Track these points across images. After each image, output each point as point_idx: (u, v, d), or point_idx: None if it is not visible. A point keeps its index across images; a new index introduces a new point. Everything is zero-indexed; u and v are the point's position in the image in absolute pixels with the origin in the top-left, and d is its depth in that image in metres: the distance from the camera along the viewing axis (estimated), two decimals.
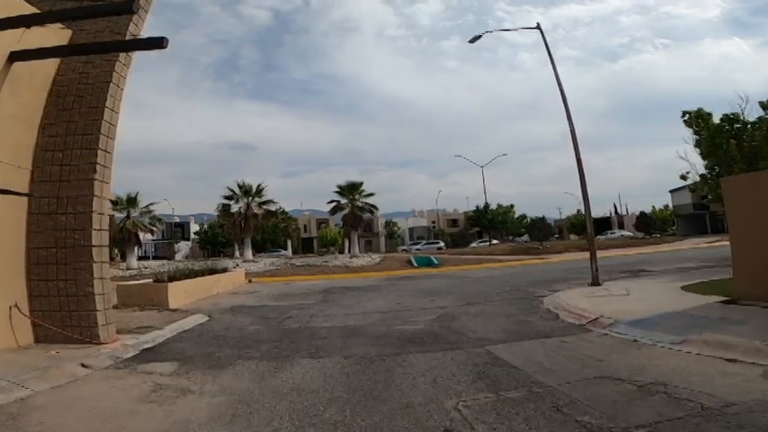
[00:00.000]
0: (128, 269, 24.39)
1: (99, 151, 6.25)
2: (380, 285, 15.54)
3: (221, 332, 7.46)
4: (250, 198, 27.41)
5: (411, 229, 71.53)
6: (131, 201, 25.37)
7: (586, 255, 12.91)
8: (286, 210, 52.72)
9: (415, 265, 24.02)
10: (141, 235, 30.32)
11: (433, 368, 4.88)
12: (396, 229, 70.82)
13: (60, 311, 5.67)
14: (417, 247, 51.60)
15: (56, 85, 6.62)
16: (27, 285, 5.70)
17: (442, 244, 53.14)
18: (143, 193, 26.21)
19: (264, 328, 7.83)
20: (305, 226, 66.00)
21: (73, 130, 6.39)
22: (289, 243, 52.44)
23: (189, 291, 11.69)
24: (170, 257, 43.93)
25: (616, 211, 67.41)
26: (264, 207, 27.91)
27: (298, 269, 23.22)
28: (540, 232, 35.66)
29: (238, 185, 27.35)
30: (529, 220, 60.80)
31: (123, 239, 25.27)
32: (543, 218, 47.70)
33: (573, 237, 52.34)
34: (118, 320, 8.05)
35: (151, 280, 11.58)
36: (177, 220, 59.04)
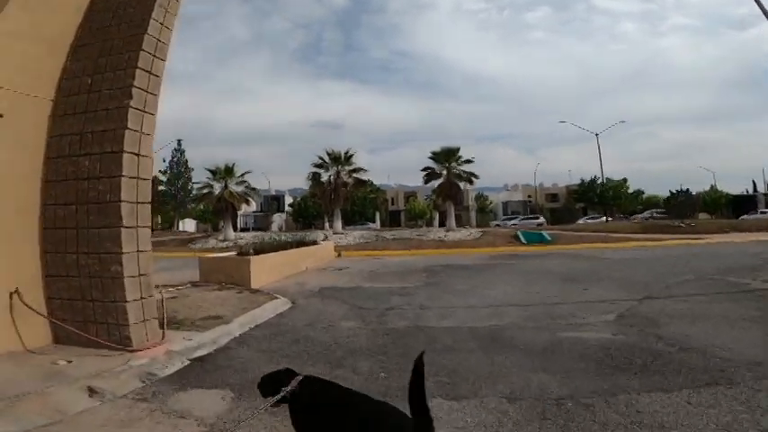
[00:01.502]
0: (224, 240, 24.65)
1: (138, 71, 4.36)
2: (492, 264, 12.71)
3: (304, 331, 5.40)
4: (339, 166, 25.93)
5: (505, 204, 66.33)
6: (228, 171, 25.35)
7: (750, 237, 8.58)
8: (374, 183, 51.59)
9: (524, 241, 20.56)
10: (241, 206, 31.03)
11: None
12: (487, 203, 66.16)
13: (82, 300, 3.98)
14: (513, 222, 47.24)
15: (92, 2, 4.91)
16: (42, 259, 4.05)
17: (542, 219, 47.83)
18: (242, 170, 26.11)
19: (361, 327, 5.63)
20: (392, 199, 64.56)
21: (108, 49, 4.60)
22: (377, 215, 51.28)
23: (274, 266, 10.10)
24: (265, 229, 45.47)
25: (755, 189, 54.75)
26: (354, 175, 26.28)
27: (389, 243, 21.25)
28: (681, 208, 29.17)
29: (327, 153, 26.01)
30: (643, 196, 52.14)
31: (221, 210, 25.53)
32: (688, 191, 39.60)
33: (703, 216, 43.24)
34: (186, 306, 6.54)
35: (235, 253, 10.18)
36: (273, 193, 61.31)
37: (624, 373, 3.73)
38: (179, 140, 39.31)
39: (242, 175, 25.59)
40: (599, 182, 53.20)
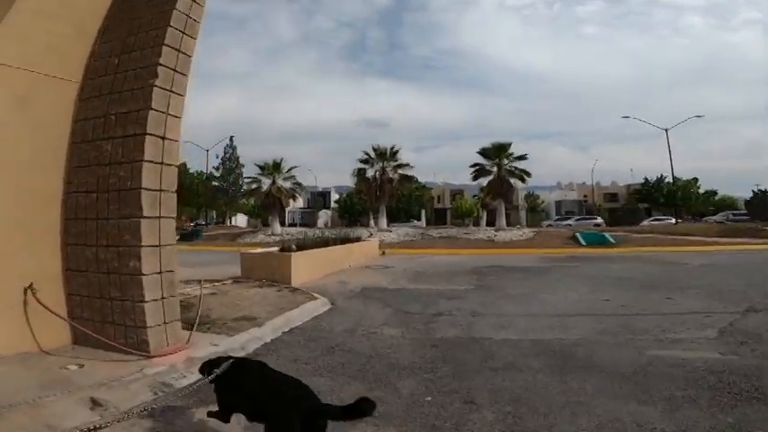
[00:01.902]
0: (271, 235, 24.97)
1: (165, 49, 3.98)
2: (549, 267, 11.59)
3: (341, 338, 4.83)
4: (385, 162, 25.47)
5: (558, 203, 62.95)
6: (276, 166, 25.67)
7: None
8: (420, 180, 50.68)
9: (583, 242, 18.95)
10: (290, 202, 31.44)
11: None
12: (539, 202, 63.15)
13: (100, 298, 3.64)
14: (567, 222, 44.57)
15: None
16: (63, 252, 3.76)
17: (599, 220, 44.72)
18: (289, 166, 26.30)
19: (405, 335, 4.98)
20: (438, 197, 63.30)
21: (136, 27, 4.27)
22: (423, 213, 50.38)
23: (316, 264, 9.70)
24: (311, 225, 46.06)
25: None
26: (400, 172, 25.70)
27: (435, 241, 20.44)
28: (765, 210, 25.93)
29: (373, 149, 25.62)
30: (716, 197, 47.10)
31: (269, 205, 25.90)
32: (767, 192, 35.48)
33: None
34: (222, 304, 6.21)
35: (277, 249, 9.88)
36: (320, 189, 62.17)
37: (752, 404, 2.83)
38: (231, 137, 40.70)
39: (289, 170, 25.85)
40: (666, 181, 48.99)
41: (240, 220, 51.88)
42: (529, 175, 23.67)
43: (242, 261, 9.25)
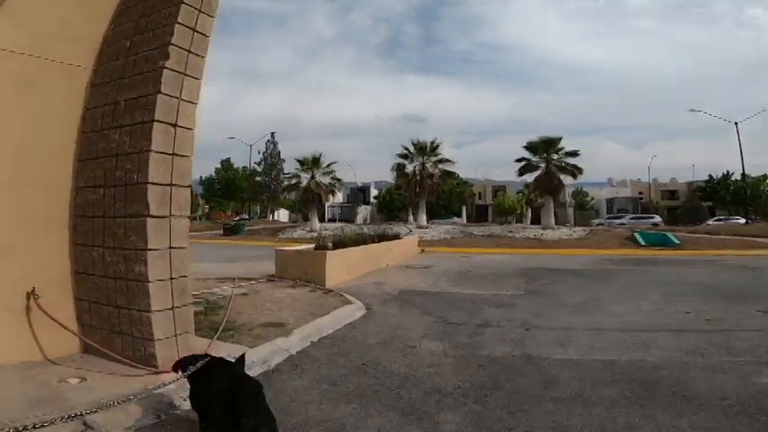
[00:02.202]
0: (310, 230, 24.96)
1: (178, 27, 3.57)
2: (608, 270, 10.49)
3: (375, 352, 4.28)
4: (425, 157, 24.69)
5: (609, 201, 59.30)
6: (315, 161, 25.60)
7: None
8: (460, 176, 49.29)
9: (643, 243, 17.34)
10: (329, 197, 31.42)
11: None
12: (588, 199, 59.80)
13: (108, 305, 3.28)
14: (621, 221, 41.72)
15: None
16: (71, 253, 3.44)
17: (657, 219, 41.46)
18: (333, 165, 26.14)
19: (448, 351, 4.35)
20: (479, 193, 61.47)
21: (149, 7, 3.88)
22: (463, 210, 49.07)
23: (352, 263, 9.22)
24: (351, 220, 46.06)
25: None
26: (440, 167, 24.83)
27: (477, 239, 19.50)
28: None
29: (413, 143, 24.91)
30: None
31: (308, 200, 25.91)
32: None
33: None
34: (251, 306, 5.86)
35: (313, 246, 9.49)
36: (359, 185, 62.21)
37: None
38: (272, 133, 41.34)
39: (328, 165, 25.68)
40: (733, 178, 44.75)
41: (282, 214, 52.88)
42: (581, 171, 22.08)
43: (276, 259, 8.95)
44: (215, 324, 5.12)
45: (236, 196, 44.31)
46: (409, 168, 25.29)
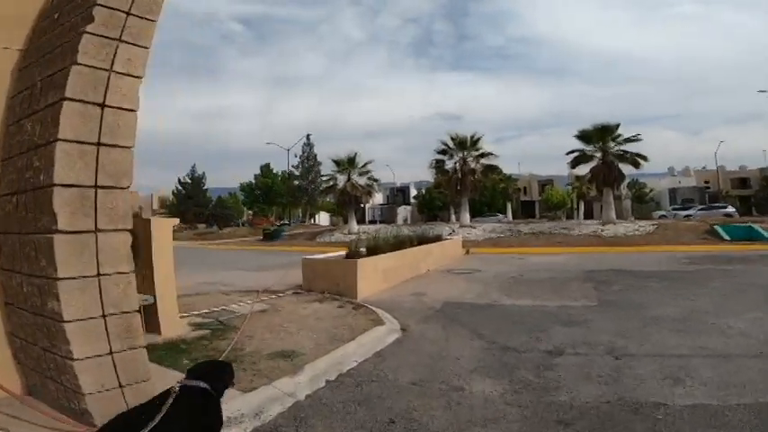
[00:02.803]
0: (348, 233, 24.19)
1: None
2: (695, 272, 8.73)
3: (407, 397, 3.15)
4: (465, 152, 23.17)
5: (672, 191, 54.51)
6: (351, 161, 24.82)
7: None
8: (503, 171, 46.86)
9: (726, 237, 15.00)
10: (368, 199, 30.60)
11: None
12: (645, 190, 55.29)
13: (35, 345, 2.39)
14: (688, 212, 37.92)
15: None
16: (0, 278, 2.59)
17: (731, 209, 37.19)
18: (370, 166, 25.24)
19: (508, 395, 3.15)
20: (524, 188, 58.54)
21: None
22: (508, 206, 46.66)
23: (388, 270, 8.16)
24: (391, 221, 45.09)
25: None
26: (482, 161, 23.21)
27: (527, 238, 17.82)
28: None
29: (451, 138, 23.42)
30: None
31: (345, 202, 25.19)
32: None
33: None
34: (267, 329, 4.96)
35: (344, 253, 8.48)
36: (399, 185, 61.19)
37: None
38: (308, 135, 41.09)
39: (364, 165, 24.80)
40: None
41: (323, 218, 52.84)
42: (644, 158, 19.63)
43: (303, 269, 8.02)
44: (218, 352, 4.24)
45: (277, 201, 44.55)
46: (449, 165, 23.85)
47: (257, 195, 44.75)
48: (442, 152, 23.68)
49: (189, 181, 47.57)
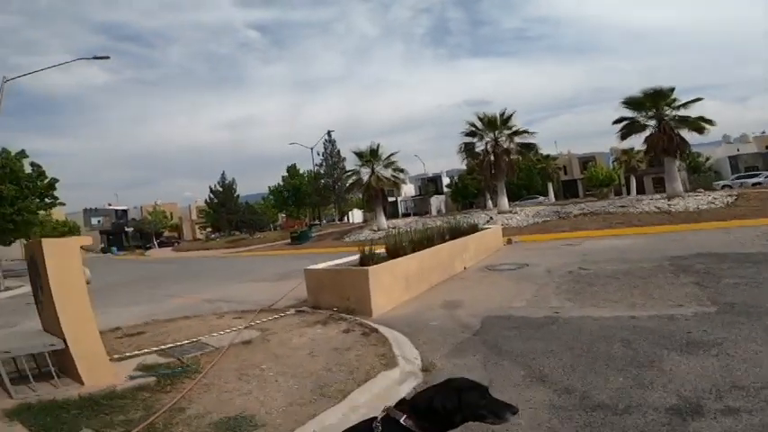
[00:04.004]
0: (377, 229, 22.64)
1: None
2: None
3: None
4: (496, 131, 20.93)
5: (733, 159, 49.35)
6: (374, 153, 23.16)
7: None
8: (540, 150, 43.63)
9: None
10: (400, 191, 28.99)
11: None
12: (700, 160, 50.33)
13: None
14: (757, 180, 33.91)
15: None
16: None
17: None
18: (398, 157, 23.54)
19: None
20: (564, 168, 54.78)
21: None
22: (550, 187, 43.50)
23: (412, 275, 6.49)
24: (423, 213, 43.23)
25: None
26: (517, 140, 20.88)
27: (578, 220, 15.55)
28: None
29: (479, 118, 21.18)
30: None
31: (371, 197, 23.63)
32: None
33: None
34: (236, 374, 3.47)
35: (357, 257, 6.78)
36: (430, 175, 59.09)
37: None
38: (329, 131, 39.74)
39: (388, 156, 23.08)
40: None
41: (357, 215, 51.69)
42: (711, 123, 16.68)
43: (307, 282, 6.46)
44: (148, 413, 2.81)
45: (306, 202, 43.71)
46: (479, 147, 21.71)
47: (286, 198, 44.08)
48: (471, 134, 21.54)
49: (220, 189, 47.75)
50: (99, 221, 59.21)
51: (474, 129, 21.39)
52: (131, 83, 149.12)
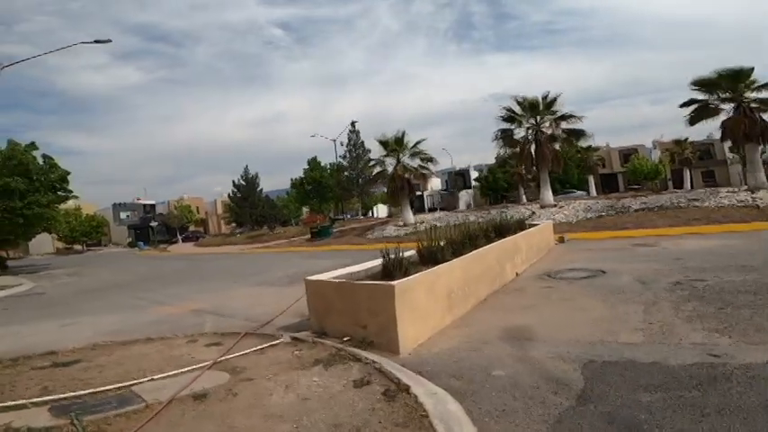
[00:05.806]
0: (403, 225, 20.85)
1: None
2: None
3: None
4: (538, 117, 18.67)
5: None
6: (399, 141, 21.30)
7: None
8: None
9: None
10: (427, 185, 26.98)
11: None
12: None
13: None
14: None
15: None
16: None
17: None
18: (424, 146, 21.73)
19: None
20: (602, 161, 51.23)
21: None
22: (591, 180, 40.42)
23: (454, 288, 4.63)
24: (451, 208, 41.02)
25: None
26: (564, 125, 18.55)
27: (643, 216, 13.25)
28: None
29: (518, 102, 18.97)
30: None
31: (396, 190, 21.78)
32: None
33: None
34: None
35: (380, 262, 4.88)
36: (457, 168, 56.72)
37: None
38: (353, 122, 38.01)
39: (415, 144, 21.16)
40: None
41: (382, 210, 49.99)
42: None
43: (308, 298, 4.64)
44: None
45: (328, 196, 42.25)
46: (519, 134, 19.50)
47: (308, 191, 42.73)
48: (509, 119, 19.34)
49: (243, 183, 47.05)
50: (128, 216, 59.92)
51: (512, 114, 19.18)
52: (163, 82, 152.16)
